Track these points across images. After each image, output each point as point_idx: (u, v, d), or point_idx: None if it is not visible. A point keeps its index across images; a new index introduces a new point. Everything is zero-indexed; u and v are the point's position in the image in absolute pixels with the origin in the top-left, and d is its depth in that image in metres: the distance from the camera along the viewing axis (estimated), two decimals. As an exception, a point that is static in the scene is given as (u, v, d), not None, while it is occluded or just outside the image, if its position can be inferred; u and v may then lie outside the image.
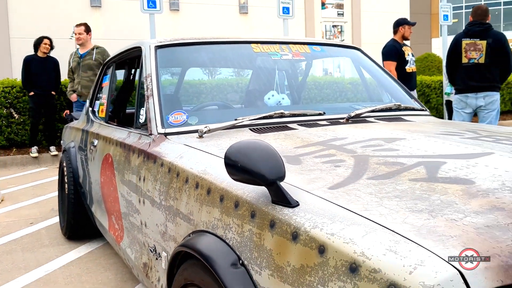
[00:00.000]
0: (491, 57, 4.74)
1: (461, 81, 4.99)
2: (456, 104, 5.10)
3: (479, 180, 1.18)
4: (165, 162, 1.73)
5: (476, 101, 4.91)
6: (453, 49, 5.02)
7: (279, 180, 1.09)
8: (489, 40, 4.74)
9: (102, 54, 5.99)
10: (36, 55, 7.16)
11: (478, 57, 4.81)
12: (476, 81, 4.85)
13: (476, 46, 4.79)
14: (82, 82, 5.98)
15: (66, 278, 2.85)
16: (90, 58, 5.93)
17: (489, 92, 4.87)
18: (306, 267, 0.96)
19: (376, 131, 1.87)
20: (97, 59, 5.94)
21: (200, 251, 1.26)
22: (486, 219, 0.97)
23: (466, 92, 4.93)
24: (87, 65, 5.95)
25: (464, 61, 4.88)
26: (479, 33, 4.80)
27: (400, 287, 0.78)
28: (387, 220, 0.96)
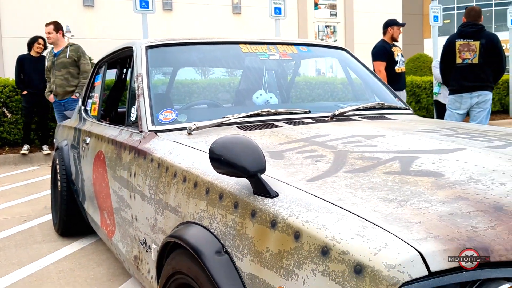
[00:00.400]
0: (485, 58, 4.83)
1: (455, 82, 5.05)
2: (451, 104, 5.16)
3: (448, 173, 1.26)
4: (154, 157, 1.80)
5: (471, 101, 4.99)
6: (447, 50, 5.09)
7: (260, 173, 1.17)
8: (482, 41, 4.82)
9: (76, 51, 5.80)
10: (29, 54, 7.18)
11: (472, 57, 4.90)
12: (470, 81, 4.93)
13: (469, 46, 4.87)
14: (56, 81, 5.82)
15: (59, 273, 2.91)
16: (64, 56, 5.75)
17: (482, 92, 4.95)
18: (283, 252, 1.03)
19: (358, 128, 1.95)
20: (70, 56, 5.75)
21: (187, 241, 1.33)
22: (450, 208, 1.05)
23: (461, 92, 5.00)
24: (61, 63, 5.77)
25: (458, 61, 4.96)
26: (473, 34, 4.88)
27: (365, 267, 0.86)
28: (358, 208, 1.03)
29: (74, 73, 5.75)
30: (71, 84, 5.75)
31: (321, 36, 33.49)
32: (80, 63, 5.72)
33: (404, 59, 6.34)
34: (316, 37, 33.22)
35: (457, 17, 40.01)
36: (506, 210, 1.04)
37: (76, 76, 5.76)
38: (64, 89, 5.72)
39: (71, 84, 5.75)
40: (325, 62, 17.83)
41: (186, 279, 1.37)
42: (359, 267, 0.87)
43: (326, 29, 34.57)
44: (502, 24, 38.41)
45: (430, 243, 0.89)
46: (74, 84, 5.75)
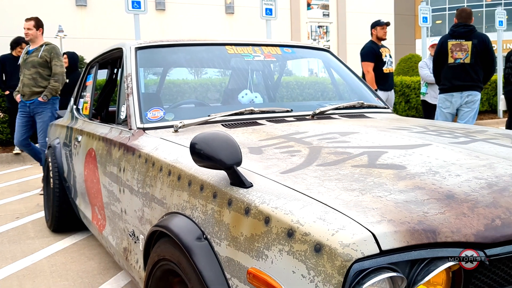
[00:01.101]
0: (476, 57, 4.95)
1: (447, 81, 5.16)
2: (441, 103, 5.27)
3: (411, 166, 1.38)
4: (142, 153, 1.90)
5: (461, 100, 5.11)
6: (439, 50, 5.20)
7: (236, 165, 1.27)
8: (474, 41, 4.95)
9: (50, 51, 5.24)
10: (11, 54, 7.19)
11: (464, 57, 5.02)
12: (462, 80, 5.05)
13: (462, 46, 5.00)
14: (24, 80, 5.23)
15: (51, 267, 3.00)
16: (36, 55, 5.22)
17: (472, 91, 5.08)
18: (255, 235, 1.14)
19: (335, 126, 2.06)
20: (43, 56, 5.21)
21: (170, 230, 1.44)
22: (406, 196, 1.16)
23: (451, 91, 5.12)
24: (31, 62, 5.22)
25: (450, 61, 5.07)
26: (465, 34, 5.01)
27: (323, 246, 0.97)
28: (323, 196, 1.14)
29: (43, 74, 5.20)
30: (39, 85, 5.18)
31: (314, 36, 33.64)
32: (52, 64, 5.22)
33: (393, 60, 6.45)
34: (308, 37, 33.36)
35: (449, 17, 40.31)
36: (457, 198, 1.16)
37: (46, 77, 5.21)
38: (30, 89, 5.17)
39: (39, 85, 5.18)
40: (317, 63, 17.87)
41: (170, 265, 1.47)
42: (318, 246, 0.98)
43: (318, 29, 34.73)
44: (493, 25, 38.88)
45: (383, 226, 1.00)
46: (42, 85, 5.19)
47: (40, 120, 5.16)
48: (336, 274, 0.94)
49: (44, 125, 5.13)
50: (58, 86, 5.18)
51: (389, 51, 6.44)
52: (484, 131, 2.02)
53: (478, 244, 1.06)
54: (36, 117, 5.18)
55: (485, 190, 1.21)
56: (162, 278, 1.59)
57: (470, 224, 1.08)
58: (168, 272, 1.54)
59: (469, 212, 1.11)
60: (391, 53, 6.48)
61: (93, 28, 25.06)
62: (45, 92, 5.12)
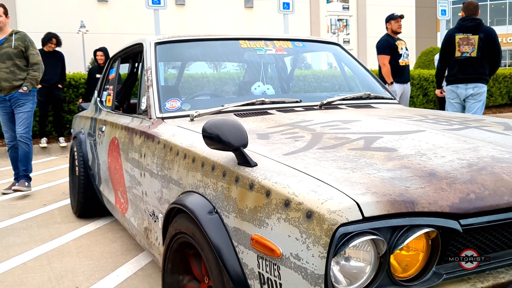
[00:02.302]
0: (483, 51, 5.05)
1: (453, 74, 5.28)
2: (448, 94, 5.40)
3: (401, 149, 1.52)
4: (161, 140, 2.08)
5: (466, 91, 5.22)
6: (446, 43, 5.31)
7: (242, 147, 1.44)
8: (481, 35, 5.04)
9: (23, 40, 4.83)
10: (42, 49, 7.48)
11: (470, 51, 5.11)
12: (468, 73, 5.16)
13: (469, 40, 5.09)
14: (1, 74, 4.76)
15: (77, 248, 3.22)
16: (8, 45, 4.77)
17: (478, 84, 5.17)
18: (257, 207, 1.31)
19: (340, 115, 2.21)
20: (17, 46, 4.79)
21: (186, 206, 1.61)
22: (393, 174, 1.31)
23: (457, 83, 5.24)
24: (5, 54, 4.75)
25: (457, 54, 5.17)
26: (472, 28, 5.10)
27: (313, 213, 1.13)
28: (318, 173, 1.30)
29: (21, 65, 4.79)
30: (19, 78, 4.79)
31: (333, 30, 33.49)
32: (28, 53, 4.81)
33: (409, 53, 6.51)
34: (328, 30, 33.21)
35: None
36: (437, 176, 1.30)
37: (24, 68, 4.81)
38: (10, 83, 4.76)
39: (19, 77, 4.79)
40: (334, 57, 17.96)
41: (186, 237, 1.65)
42: (309, 213, 1.14)
43: (338, 23, 34.55)
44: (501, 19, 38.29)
45: (367, 196, 1.16)
46: (21, 77, 4.80)
47: (22, 111, 4.79)
48: (324, 236, 1.10)
49: (26, 116, 4.82)
50: (38, 75, 4.85)
51: (405, 43, 6.51)
52: (482, 120, 2.14)
53: (452, 215, 1.21)
54: (17, 109, 4.82)
55: (465, 169, 1.35)
56: (178, 250, 1.76)
57: (447, 197, 1.22)
58: (184, 245, 1.71)
59: (447, 187, 1.26)
60: (407, 46, 6.55)
61: (114, 24, 25.44)
62: (25, 83, 4.78)
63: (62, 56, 7.62)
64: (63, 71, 7.68)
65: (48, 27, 10.41)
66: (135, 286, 2.58)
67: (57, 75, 7.54)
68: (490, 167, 1.37)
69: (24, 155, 4.84)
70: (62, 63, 7.62)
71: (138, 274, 2.74)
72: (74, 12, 23.73)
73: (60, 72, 7.59)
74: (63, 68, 7.66)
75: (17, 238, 3.46)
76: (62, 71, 7.65)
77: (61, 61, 7.57)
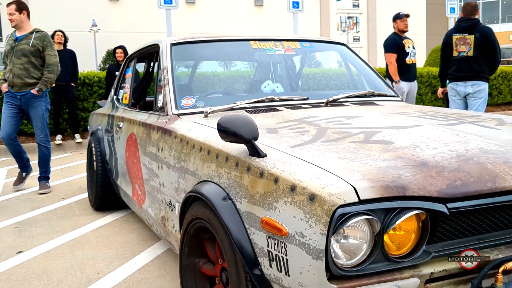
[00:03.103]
0: (479, 50, 5.20)
1: (452, 72, 5.47)
2: (450, 92, 5.60)
3: (398, 141, 1.67)
4: (178, 134, 2.24)
5: (465, 89, 5.40)
6: (445, 44, 5.50)
7: (253, 140, 1.60)
8: (476, 35, 5.19)
9: (42, 39, 4.76)
10: None
11: (467, 50, 5.27)
12: (466, 72, 5.33)
13: (465, 40, 5.24)
14: (14, 70, 4.71)
15: (96, 238, 3.40)
16: (26, 43, 4.72)
17: (477, 81, 5.33)
18: (267, 192, 1.47)
19: (344, 111, 2.36)
20: (34, 44, 4.73)
21: (202, 193, 1.77)
22: (388, 163, 1.46)
23: (456, 81, 5.41)
24: (21, 50, 4.71)
25: (455, 54, 5.35)
26: (468, 28, 5.25)
27: (316, 196, 1.29)
28: (321, 163, 1.46)
29: (36, 64, 4.74)
30: (32, 76, 4.73)
31: (343, 27, 33.52)
32: (45, 54, 4.75)
33: (416, 51, 6.63)
34: (338, 28, 33.26)
35: (482, 7, 39.54)
36: (428, 165, 1.46)
37: (39, 67, 4.76)
38: (22, 80, 4.70)
39: (32, 75, 4.73)
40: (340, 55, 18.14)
41: (202, 222, 1.81)
42: (312, 196, 1.30)
43: (348, 20, 34.57)
44: None
45: (363, 182, 1.31)
46: (35, 76, 4.74)
47: (35, 115, 4.79)
48: (324, 215, 1.25)
49: (41, 119, 4.80)
50: (53, 77, 4.79)
51: (412, 42, 6.63)
52: (478, 116, 2.28)
53: (440, 199, 1.36)
54: (30, 111, 4.79)
55: (454, 159, 1.50)
56: (194, 235, 1.93)
57: (435, 183, 1.37)
58: (200, 230, 1.88)
59: (436, 175, 1.41)
60: (414, 45, 6.67)
61: (125, 22, 25.74)
62: (39, 84, 4.72)
63: (74, 54, 7.76)
64: (75, 69, 7.83)
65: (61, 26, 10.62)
66: (152, 272, 2.75)
67: (69, 73, 7.70)
68: (477, 157, 1.52)
69: (44, 158, 4.92)
70: (74, 61, 7.77)
71: (154, 261, 2.92)
72: (86, 11, 24.04)
73: (72, 70, 7.74)
74: (75, 66, 7.81)
75: (39, 229, 3.65)
76: (74, 69, 7.79)
77: (72, 59, 7.72)
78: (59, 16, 23.46)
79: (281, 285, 1.42)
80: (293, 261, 1.35)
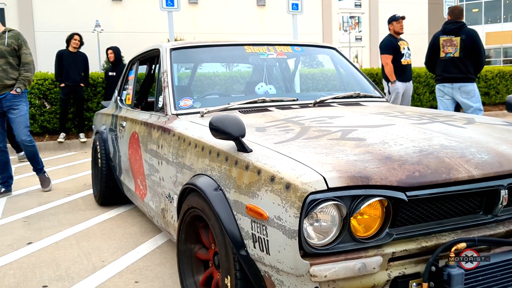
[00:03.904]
0: (465, 52, 5.44)
1: (439, 73, 5.70)
2: (437, 92, 5.83)
3: (370, 138, 1.88)
4: (176, 133, 2.46)
5: (452, 91, 5.63)
6: (432, 45, 5.73)
7: (241, 137, 1.81)
8: (462, 37, 5.42)
9: (16, 38, 4.66)
10: (67, 49, 7.94)
11: (453, 51, 5.50)
12: (452, 73, 5.57)
13: (452, 42, 5.48)
14: None
15: (101, 230, 3.62)
16: (1, 43, 4.59)
17: (463, 83, 5.57)
18: (251, 183, 1.68)
19: (328, 111, 2.56)
20: (10, 44, 4.61)
21: (196, 185, 1.99)
22: (357, 157, 1.67)
23: (443, 82, 5.64)
24: None
25: (442, 55, 5.59)
26: (454, 31, 5.50)
27: (291, 185, 1.50)
28: (298, 157, 1.67)
29: (14, 64, 4.63)
30: (11, 77, 4.61)
31: (345, 27, 33.66)
32: (21, 53, 4.65)
33: (411, 52, 6.83)
34: (340, 28, 33.40)
35: (485, 6, 39.66)
36: (392, 159, 1.67)
37: (16, 67, 4.65)
38: (2, 82, 4.57)
39: (11, 76, 4.61)
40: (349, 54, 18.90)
41: (196, 211, 2.02)
42: (288, 185, 1.51)
43: (350, 20, 34.69)
44: None
45: (332, 173, 1.52)
46: (13, 77, 4.63)
47: (17, 115, 4.67)
48: (297, 201, 1.46)
49: (23, 120, 4.69)
50: (30, 76, 4.71)
51: (408, 44, 6.83)
52: (452, 116, 2.49)
53: (400, 188, 1.57)
54: (11, 112, 4.67)
55: (416, 154, 1.71)
56: (190, 223, 2.14)
57: (396, 174, 1.58)
58: (195, 218, 2.09)
59: (397, 167, 1.62)
60: (409, 46, 6.87)
61: (128, 22, 25.93)
62: (18, 84, 4.62)
63: (86, 57, 8.10)
64: (87, 71, 8.14)
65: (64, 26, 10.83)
66: (153, 260, 2.97)
67: (80, 74, 7.98)
68: (437, 152, 1.73)
69: (33, 155, 4.87)
70: (86, 64, 8.09)
71: (155, 251, 3.13)
72: (89, 11, 24.24)
73: (84, 72, 8.05)
74: (87, 69, 8.12)
75: (47, 223, 3.88)
76: (86, 71, 8.11)
77: (84, 62, 8.03)
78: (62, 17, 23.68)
79: (263, 263, 1.64)
80: (272, 241, 1.57)
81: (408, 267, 1.62)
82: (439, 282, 1.57)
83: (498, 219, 1.75)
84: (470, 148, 1.79)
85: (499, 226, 1.75)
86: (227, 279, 1.79)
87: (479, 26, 38.69)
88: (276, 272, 1.60)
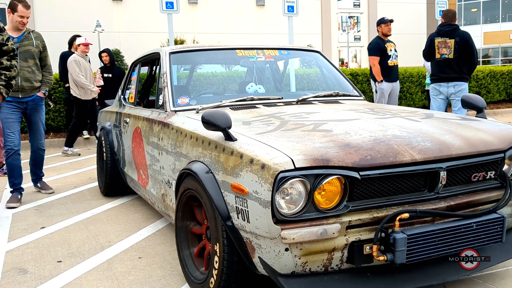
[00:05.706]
0: (459, 53, 5.79)
1: (435, 73, 6.04)
2: (432, 91, 6.16)
3: (335, 130, 2.25)
4: (174, 127, 2.83)
5: (448, 89, 5.97)
6: (428, 46, 6.07)
7: (228, 128, 2.18)
8: (456, 39, 5.78)
9: (41, 40, 4.65)
10: (70, 51, 8.26)
11: (448, 53, 5.86)
12: (447, 73, 5.92)
13: (446, 44, 5.83)
14: (22, 74, 4.44)
15: (107, 217, 3.99)
16: (30, 43, 4.50)
17: (457, 82, 5.91)
18: (235, 165, 2.05)
19: (308, 108, 2.93)
20: (37, 45, 4.57)
21: (192, 170, 2.36)
22: (322, 145, 2.04)
23: (439, 82, 5.99)
24: (28, 52, 4.49)
25: (437, 56, 5.93)
26: (448, 33, 5.84)
27: (265, 165, 1.87)
28: (274, 144, 2.04)
29: (39, 65, 4.61)
30: (37, 79, 4.58)
31: (344, 27, 33.99)
32: (45, 55, 4.65)
33: (398, 54, 7.18)
34: (339, 27, 33.73)
35: (483, 6, 40.00)
36: (350, 146, 2.04)
37: (40, 69, 4.63)
38: (31, 84, 4.49)
39: (37, 78, 4.58)
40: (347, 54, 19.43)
41: (191, 192, 2.39)
42: (263, 165, 1.88)
43: (349, 20, 35.01)
44: None
45: (299, 156, 1.89)
46: (39, 79, 4.60)
47: (39, 119, 4.67)
48: (270, 178, 1.84)
49: (43, 123, 4.71)
50: (53, 78, 4.81)
51: (395, 45, 7.19)
52: (414, 112, 2.86)
53: (354, 168, 1.94)
54: (35, 115, 4.62)
55: (370, 142, 2.08)
56: (186, 203, 2.52)
57: (351, 157, 1.96)
58: (190, 198, 2.47)
59: (353, 152, 1.99)
60: (396, 48, 7.23)
61: (129, 23, 26.31)
62: (44, 86, 4.63)
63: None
64: None
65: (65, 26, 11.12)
66: (154, 240, 3.34)
67: None
68: (388, 140, 2.10)
69: (42, 160, 4.89)
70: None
71: (156, 234, 3.51)
72: (90, 11, 24.56)
73: None
74: None
75: (57, 211, 4.25)
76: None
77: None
78: (63, 17, 24.01)
79: (245, 230, 2.01)
80: (251, 211, 1.94)
81: (363, 234, 1.99)
82: (386, 245, 1.95)
83: (439, 196, 2.12)
84: (417, 137, 2.16)
85: (441, 201, 2.12)
86: (216, 246, 2.16)
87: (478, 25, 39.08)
88: (255, 237, 1.97)
